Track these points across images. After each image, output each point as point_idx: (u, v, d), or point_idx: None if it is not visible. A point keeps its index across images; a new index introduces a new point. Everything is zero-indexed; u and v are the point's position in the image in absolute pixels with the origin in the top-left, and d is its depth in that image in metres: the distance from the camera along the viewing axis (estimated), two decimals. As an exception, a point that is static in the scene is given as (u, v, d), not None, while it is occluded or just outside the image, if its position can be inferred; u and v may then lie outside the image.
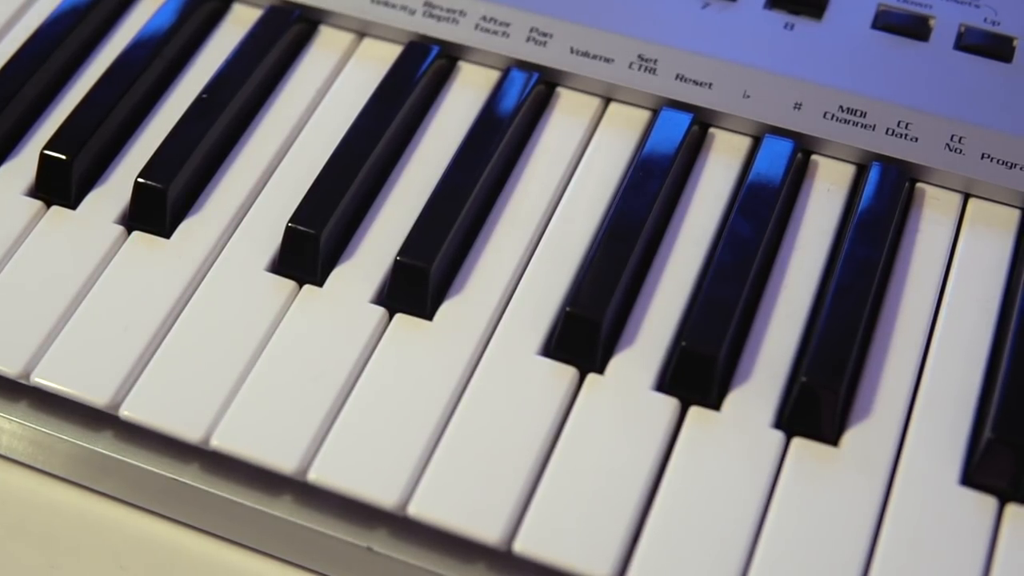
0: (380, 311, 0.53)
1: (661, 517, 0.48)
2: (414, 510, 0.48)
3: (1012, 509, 0.48)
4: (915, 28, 0.61)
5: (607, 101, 0.61)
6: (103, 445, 0.52)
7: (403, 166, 0.59)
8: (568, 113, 0.60)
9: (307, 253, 0.54)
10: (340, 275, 0.55)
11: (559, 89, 0.61)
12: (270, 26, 0.63)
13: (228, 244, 0.56)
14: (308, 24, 0.64)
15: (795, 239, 0.56)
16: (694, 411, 0.50)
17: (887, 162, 0.57)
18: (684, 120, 0.58)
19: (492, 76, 0.62)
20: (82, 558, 0.52)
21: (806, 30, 0.61)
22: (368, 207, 0.57)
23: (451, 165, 0.57)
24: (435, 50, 0.61)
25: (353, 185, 0.56)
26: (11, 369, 0.52)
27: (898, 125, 0.58)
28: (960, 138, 0.57)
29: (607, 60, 0.60)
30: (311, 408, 0.50)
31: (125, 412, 0.51)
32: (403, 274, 0.53)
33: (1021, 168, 0.56)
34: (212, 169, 0.58)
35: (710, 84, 0.59)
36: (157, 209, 0.56)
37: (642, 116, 0.60)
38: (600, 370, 0.52)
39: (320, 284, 0.54)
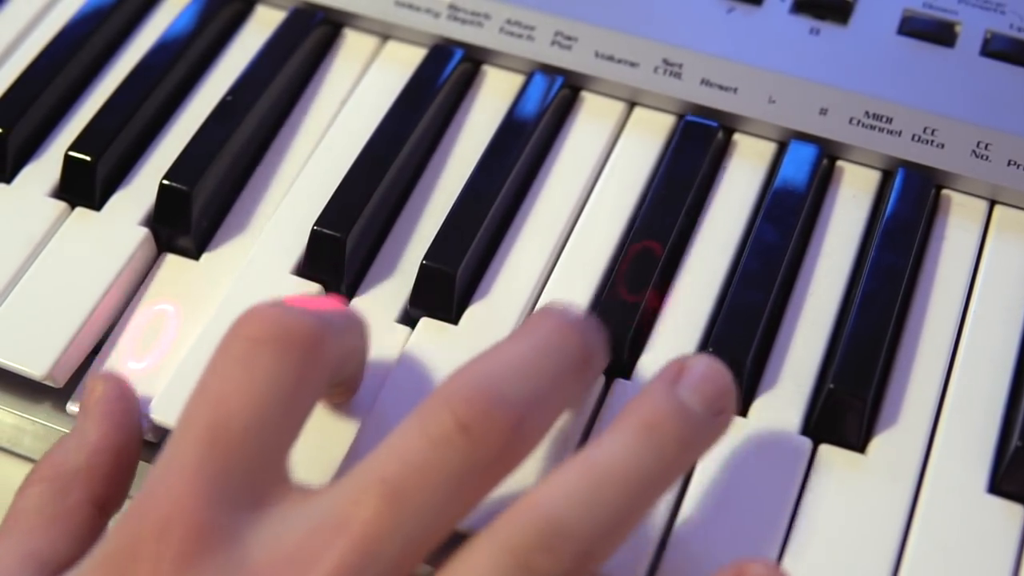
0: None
1: (687, 525, 0.48)
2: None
3: (1040, 518, 0.48)
4: (941, 34, 0.60)
5: (632, 105, 0.60)
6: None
7: (427, 170, 0.59)
8: (593, 117, 0.60)
9: (333, 257, 0.54)
10: (367, 280, 0.55)
11: (583, 93, 0.61)
12: (293, 28, 0.62)
13: (254, 247, 0.56)
14: (331, 26, 0.64)
15: (821, 246, 0.56)
16: (720, 418, 0.50)
17: (913, 168, 0.57)
18: (709, 128, 0.58)
19: (516, 80, 0.61)
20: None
21: (831, 35, 0.61)
22: (393, 211, 0.57)
23: (476, 169, 0.57)
24: (459, 53, 0.61)
25: (379, 189, 0.56)
26: (36, 371, 0.51)
27: (924, 131, 0.57)
28: (986, 144, 0.57)
29: (632, 64, 0.60)
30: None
31: (156, 417, 0.51)
32: (429, 278, 0.53)
33: (1048, 175, 0.56)
34: (236, 172, 0.58)
35: (735, 89, 0.59)
36: (182, 211, 0.56)
37: (667, 121, 0.60)
38: (627, 376, 0.52)
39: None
